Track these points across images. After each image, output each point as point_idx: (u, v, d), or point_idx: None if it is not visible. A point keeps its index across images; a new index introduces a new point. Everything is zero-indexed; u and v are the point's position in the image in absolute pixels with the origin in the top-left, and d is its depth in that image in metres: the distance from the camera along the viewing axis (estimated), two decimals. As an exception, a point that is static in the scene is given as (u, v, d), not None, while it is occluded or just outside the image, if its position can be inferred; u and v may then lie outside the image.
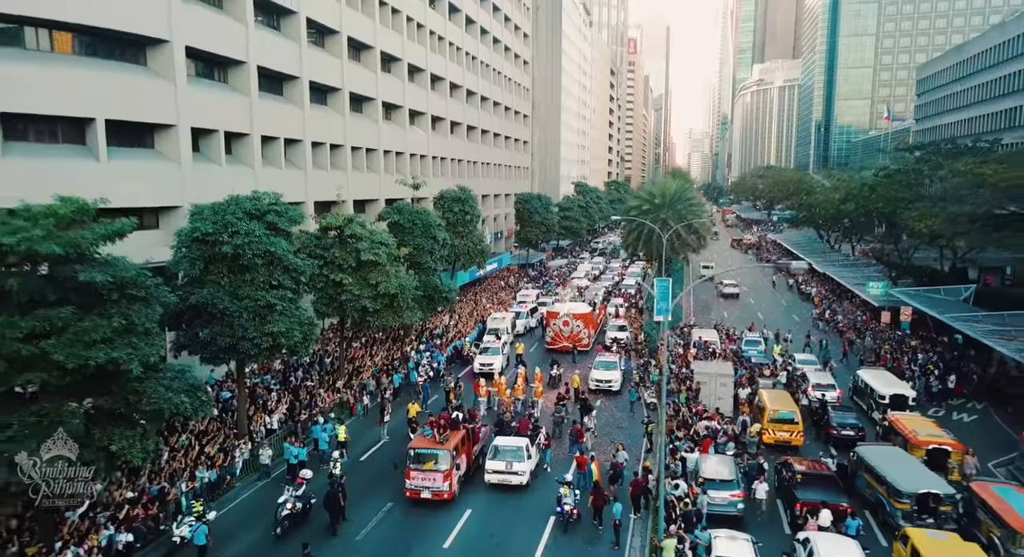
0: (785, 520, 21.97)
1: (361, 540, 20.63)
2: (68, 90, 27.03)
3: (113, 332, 16.24)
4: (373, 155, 49.88)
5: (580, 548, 20.13)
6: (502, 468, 22.82)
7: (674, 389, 31.83)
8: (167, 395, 17.57)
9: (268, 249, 23.55)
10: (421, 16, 57.00)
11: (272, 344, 23.92)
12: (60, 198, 17.78)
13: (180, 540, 19.73)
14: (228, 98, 34.50)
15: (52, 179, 26.87)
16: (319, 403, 30.28)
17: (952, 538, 17.75)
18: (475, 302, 55.00)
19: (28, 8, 25.82)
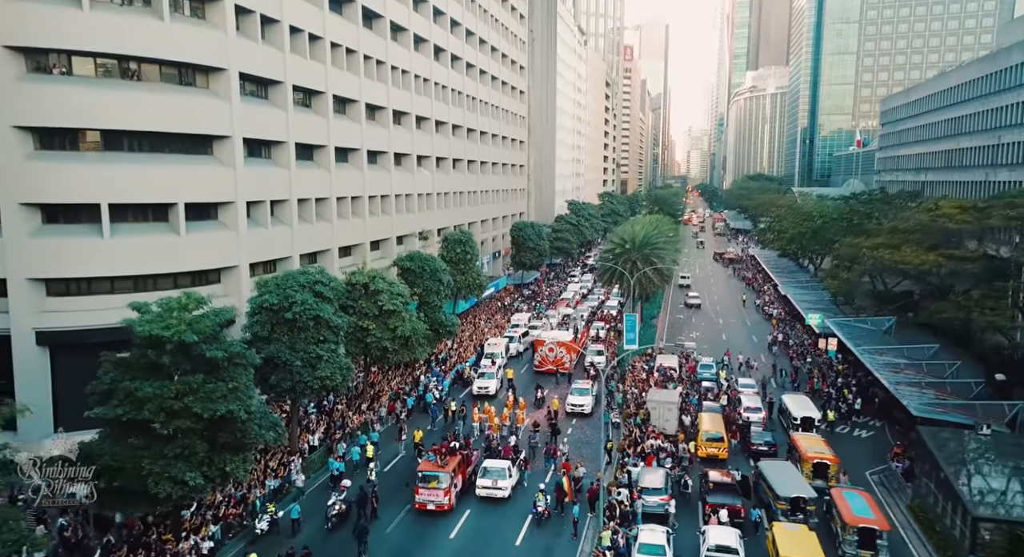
0: (701, 517, 29.86)
1: (389, 533, 28.47)
2: (159, 183, 34.91)
3: (228, 391, 24.09)
4: (387, 200, 57.61)
5: (549, 538, 28.01)
6: (489, 485, 30.43)
7: (632, 412, 39.74)
8: (260, 432, 25.46)
9: (317, 314, 31.44)
10: (427, 72, 64.49)
11: (320, 386, 31.85)
12: (186, 294, 25.53)
13: (260, 531, 27.64)
14: (273, 172, 42.27)
15: (150, 249, 34.94)
16: (348, 424, 38.20)
17: (801, 529, 25.61)
18: (474, 325, 62.90)
19: (132, 123, 33.68)
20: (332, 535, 28.22)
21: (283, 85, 42.44)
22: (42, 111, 32.14)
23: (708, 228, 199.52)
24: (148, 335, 23.13)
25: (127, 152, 34.71)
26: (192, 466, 23.50)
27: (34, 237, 32.78)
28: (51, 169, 32.65)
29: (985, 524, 24.46)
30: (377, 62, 54.94)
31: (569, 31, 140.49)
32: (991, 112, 61.01)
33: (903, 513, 30.17)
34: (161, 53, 34.77)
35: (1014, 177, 56.38)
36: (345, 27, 49.78)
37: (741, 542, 25.50)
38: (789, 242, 73.22)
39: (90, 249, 33.62)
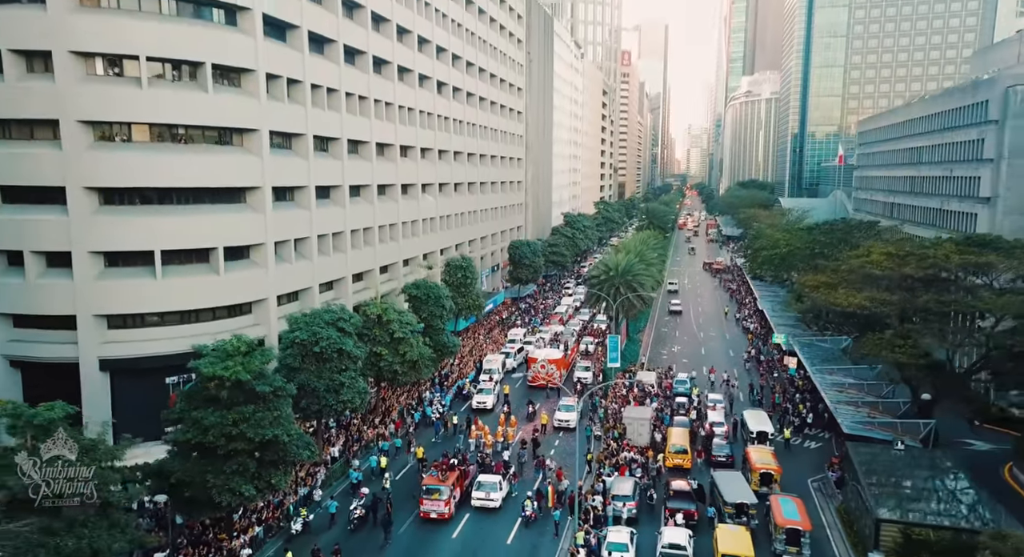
0: (662, 519, 35.60)
1: (400, 534, 34.20)
2: (202, 231, 40.65)
3: (273, 419, 29.84)
4: (394, 228, 63.24)
5: (535, 538, 33.75)
6: (483, 496, 35.90)
7: (611, 426, 45.52)
8: (298, 451, 31.22)
9: (340, 347, 37.20)
10: (430, 106, 69.96)
11: (343, 408, 37.62)
12: (236, 337, 31.23)
13: (295, 531, 33.41)
14: (296, 214, 47.93)
15: (194, 287, 40.65)
16: (363, 437, 43.98)
17: (739, 530, 31.33)
18: (474, 340, 68.67)
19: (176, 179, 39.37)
20: (354, 534, 33.95)
21: (305, 136, 48.09)
22: (106, 174, 37.89)
23: (702, 232, 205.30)
24: (211, 374, 28.82)
25: (176, 205, 40.44)
26: (246, 480, 29.28)
27: (99, 280, 38.52)
28: (113, 222, 38.41)
29: (885, 525, 30.21)
30: (386, 104, 60.57)
31: (566, 47, 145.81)
32: (945, 146, 66.67)
33: (832, 515, 35.92)
34: (206, 120, 40.53)
35: (963, 208, 62.18)
36: (358, 77, 55.36)
37: (691, 541, 31.23)
38: (760, 266, 78.92)
39: (145, 289, 39.35)
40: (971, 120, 61.28)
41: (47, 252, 38.33)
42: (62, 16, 35.97)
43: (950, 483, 32.87)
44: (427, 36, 68.08)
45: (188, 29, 39.23)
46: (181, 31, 38.93)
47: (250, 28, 42.17)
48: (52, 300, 38.42)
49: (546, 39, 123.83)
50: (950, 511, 30.39)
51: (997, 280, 38.38)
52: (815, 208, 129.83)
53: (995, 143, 56.79)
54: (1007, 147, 55.72)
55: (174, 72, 39.63)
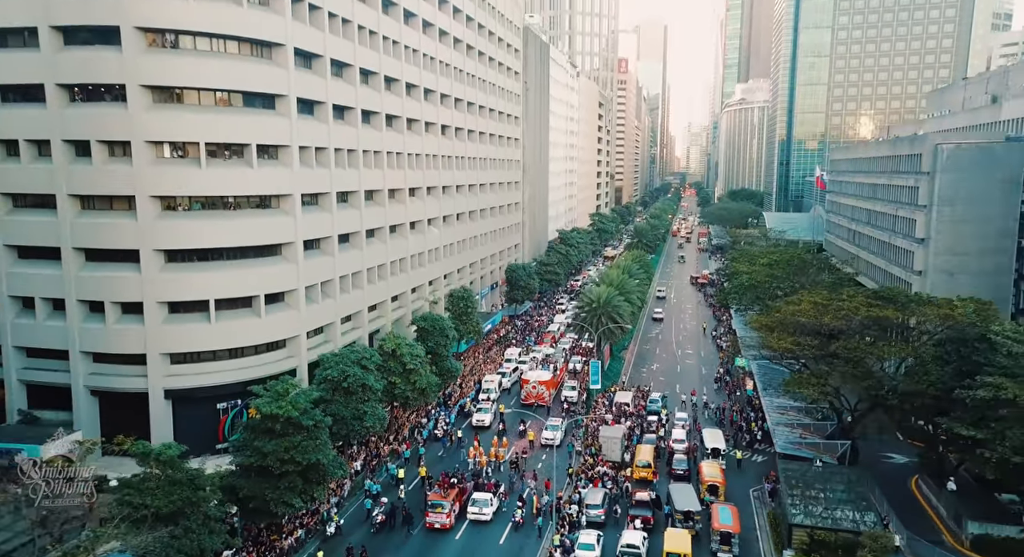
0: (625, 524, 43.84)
1: (415, 536, 42.45)
2: (246, 282, 48.84)
3: (315, 446, 38.10)
4: (404, 261, 71.34)
5: (522, 540, 41.96)
6: (476, 511, 43.57)
7: (589, 443, 53.81)
8: (334, 471, 39.53)
9: (364, 382, 45.49)
10: (435, 148, 77.96)
11: (365, 432, 45.94)
12: (284, 380, 39.48)
13: (330, 533, 41.69)
14: (322, 260, 56.04)
15: (240, 329, 48.81)
16: (380, 452, 52.27)
17: (682, 532, 39.50)
18: (474, 359, 76.96)
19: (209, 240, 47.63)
20: (375, 537, 42.20)
21: (329, 194, 56.24)
22: (171, 237, 46.07)
23: (695, 239, 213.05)
24: (269, 412, 37.09)
25: (226, 261, 48.61)
26: (295, 494, 37.62)
27: (164, 324, 46.74)
28: (176, 277, 46.62)
29: (796, 528, 38.48)
30: (396, 154, 68.63)
31: (561, 69, 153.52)
32: (893, 188, 74.74)
33: (764, 521, 44.17)
34: (250, 190, 48.71)
35: (904, 245, 70.33)
36: (372, 135, 63.30)
37: (644, 542, 39.43)
38: (726, 296, 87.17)
39: (201, 331, 47.58)
40: (910, 169, 69.34)
41: (123, 302, 46.51)
42: (139, 113, 44.06)
43: (852, 494, 41.03)
44: (433, 87, 76.10)
45: (238, 118, 47.40)
46: (232, 120, 47.10)
47: (286, 110, 50.32)
48: (126, 341, 46.64)
49: (542, 66, 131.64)
50: (846, 517, 38.57)
51: (899, 329, 46.58)
52: (796, 224, 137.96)
53: (927, 192, 64.83)
54: (936, 196, 63.74)
55: (225, 151, 47.76)
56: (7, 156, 46.23)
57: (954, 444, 41.11)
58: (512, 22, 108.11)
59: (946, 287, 64.03)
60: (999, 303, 62.91)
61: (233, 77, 47.13)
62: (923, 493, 47.15)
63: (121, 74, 43.60)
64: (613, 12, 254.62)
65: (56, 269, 46.23)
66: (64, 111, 44.46)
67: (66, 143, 44.81)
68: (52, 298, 47.04)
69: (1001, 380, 36.93)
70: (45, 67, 43.84)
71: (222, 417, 48.94)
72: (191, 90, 45.96)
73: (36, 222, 46.07)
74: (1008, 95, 72.36)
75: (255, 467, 37.53)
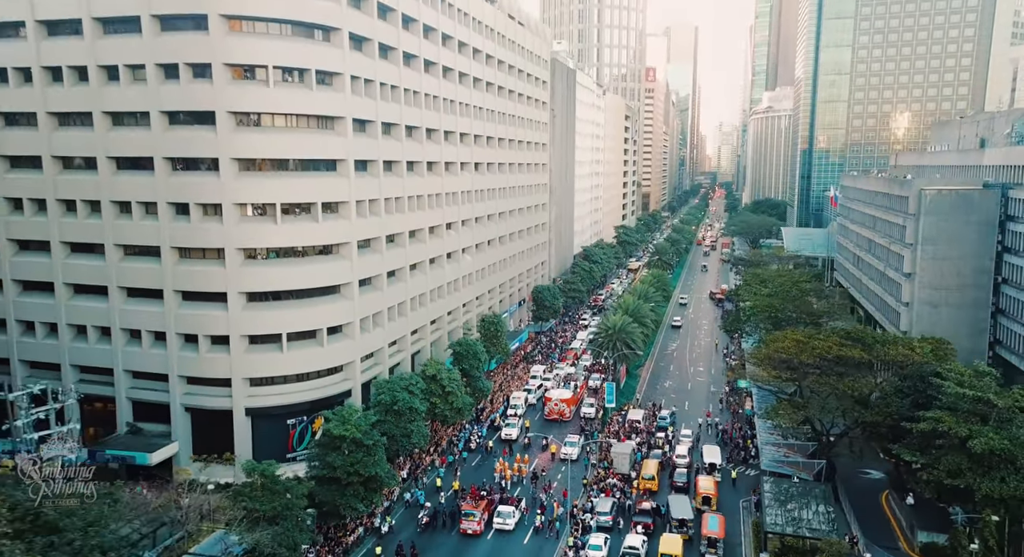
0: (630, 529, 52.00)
1: (452, 537, 51.10)
2: (310, 317, 57.90)
3: (374, 461, 46.98)
4: (442, 288, 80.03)
5: (542, 541, 50.37)
6: (501, 522, 51.68)
7: (603, 457, 62.06)
8: (389, 481, 48.45)
9: (411, 405, 54.33)
10: (470, 185, 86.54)
11: (412, 448, 54.83)
12: (348, 407, 48.42)
13: (384, 531, 50.56)
14: (374, 295, 64.73)
15: (306, 356, 57.87)
16: (422, 463, 61.11)
17: (676, 537, 47.60)
18: (503, 376, 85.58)
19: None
20: (421, 536, 50.94)
21: (380, 238, 65.05)
22: (251, 281, 55.25)
23: (719, 247, 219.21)
24: (338, 434, 46.03)
25: (295, 300, 57.69)
26: (359, 500, 46.59)
27: (246, 353, 55.99)
28: (255, 315, 55.78)
29: (770, 535, 46.39)
30: (436, 195, 77.25)
31: (588, 91, 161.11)
32: (888, 223, 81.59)
33: (748, 528, 52.06)
34: (317, 241, 57.78)
35: (894, 277, 77.28)
36: (415, 181, 72.03)
37: (644, 545, 47.58)
38: (733, 321, 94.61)
39: (275, 359, 56.71)
40: (899, 208, 76.25)
41: (212, 335, 55.84)
42: (229, 180, 53.28)
43: (820, 507, 48.74)
44: (467, 131, 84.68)
45: (306, 181, 56.53)
46: (301, 183, 56.23)
47: (346, 171, 59.25)
48: (215, 367, 55.94)
49: (568, 92, 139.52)
50: (811, 525, 46.37)
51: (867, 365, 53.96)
52: (813, 240, 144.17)
53: (913, 231, 71.80)
54: (920, 236, 70.73)
55: (296, 209, 56.83)
56: (120, 213, 55.84)
57: (906, 466, 48.50)
58: (540, 57, 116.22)
59: (930, 318, 71.41)
60: (977, 334, 70.29)
61: (303, 147, 56.23)
62: (890, 506, 54.61)
63: (215, 149, 52.86)
64: (640, 25, 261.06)
65: (159, 307, 55.73)
66: (168, 178, 53.85)
67: (169, 205, 54.23)
68: (155, 331, 56.53)
69: (941, 414, 44.46)
70: (154, 143, 53.28)
71: (291, 431, 57.99)
72: (270, 159, 55.11)
73: (144, 268, 55.62)
74: (991, 141, 78.79)
75: (326, 478, 46.54)
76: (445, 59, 77.50)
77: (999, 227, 68.62)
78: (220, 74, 52.07)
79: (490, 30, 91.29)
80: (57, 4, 53.56)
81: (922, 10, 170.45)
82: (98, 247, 56.79)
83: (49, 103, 55.23)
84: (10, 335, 59.18)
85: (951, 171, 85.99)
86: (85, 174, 56.01)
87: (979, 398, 43.68)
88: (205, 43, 51.66)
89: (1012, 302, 66.91)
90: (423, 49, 71.65)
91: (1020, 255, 65.22)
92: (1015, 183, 67.24)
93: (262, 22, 53.84)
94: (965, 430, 42.56)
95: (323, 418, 50.42)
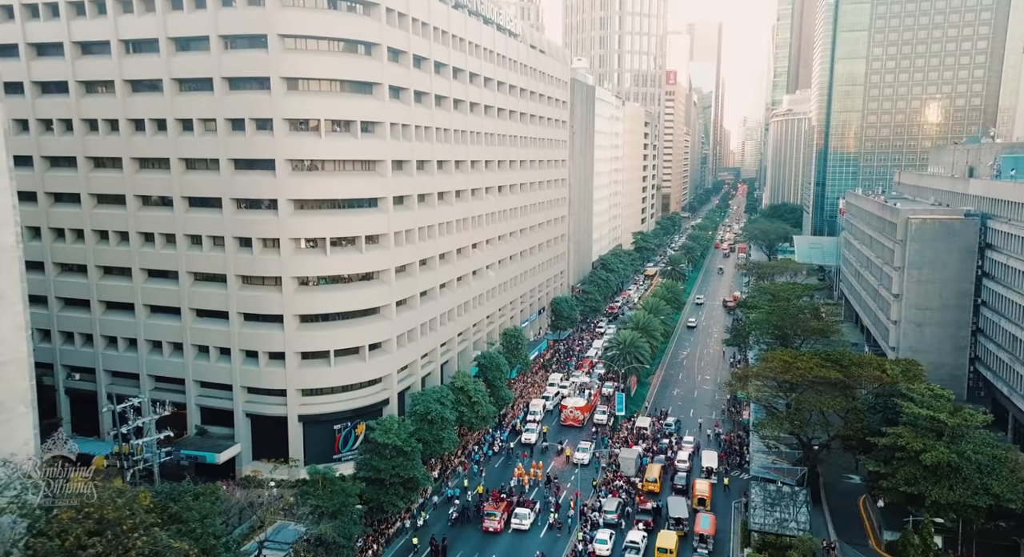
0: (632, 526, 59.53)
1: (477, 532, 59.00)
2: (355, 336, 66.06)
3: (412, 465, 55.01)
4: (468, 304, 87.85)
5: (555, 535, 58.19)
6: (518, 522, 59.28)
7: (611, 460, 69.60)
8: (425, 482, 56.52)
9: (442, 415, 62.31)
10: (496, 206, 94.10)
11: (443, 452, 62.84)
12: (390, 418, 56.48)
13: (419, 525, 58.65)
14: (409, 315, 72.80)
15: (350, 370, 66.09)
16: (451, 465, 69.13)
17: (672, 533, 55.04)
18: (523, 383, 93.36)
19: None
20: (451, 529, 58.89)
21: (414, 263, 72.96)
22: (304, 304, 63.38)
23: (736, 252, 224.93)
24: (383, 441, 54.10)
25: (340, 321, 65.80)
26: (399, 498, 54.70)
27: (299, 368, 64.26)
28: (307, 334, 63.98)
29: (753, 532, 53.70)
30: (462, 220, 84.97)
31: (607, 104, 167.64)
32: (882, 245, 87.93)
33: (737, 527, 59.34)
34: (360, 269, 65.85)
35: (885, 296, 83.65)
36: (446, 209, 79.84)
37: (644, 540, 55.14)
38: (733, 339, 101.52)
39: (324, 373, 64.90)
40: (890, 233, 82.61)
41: (270, 352, 64.15)
42: (286, 218, 61.46)
43: (800, 509, 55.86)
44: (492, 158, 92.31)
45: (351, 218, 64.58)
46: (347, 220, 64.27)
47: (386, 207, 67.17)
48: (272, 379, 64.25)
49: (587, 109, 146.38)
50: (788, 525, 53.57)
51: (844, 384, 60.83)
52: (823, 249, 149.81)
53: (901, 255, 78.21)
54: (907, 260, 77.13)
55: (342, 241, 64.84)
56: (191, 245, 64.27)
57: (873, 474, 55.45)
58: (560, 79, 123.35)
59: (915, 336, 77.98)
60: (959, 351, 76.78)
61: (350, 188, 64.27)
62: (865, 508, 61.64)
63: (274, 191, 61.00)
64: (661, 30, 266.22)
65: (225, 326, 64.13)
66: (234, 216, 62.11)
67: (235, 238, 62.51)
68: (221, 347, 64.95)
69: (901, 430, 51.46)
70: (222, 185, 61.59)
71: (336, 435, 66.18)
72: (320, 201, 63.19)
73: (212, 293, 64.03)
74: (978, 170, 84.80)
75: (372, 479, 54.67)
76: (472, 95, 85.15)
77: (979, 253, 74.80)
78: (280, 127, 60.17)
79: (513, 62, 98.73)
80: (141, 66, 62.09)
81: (935, 22, 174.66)
82: (172, 273, 65.30)
83: (133, 149, 63.78)
84: (96, 348, 68.03)
85: (944, 195, 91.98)
86: (162, 211, 64.53)
87: (933, 418, 50.56)
88: (267, 101, 59.79)
89: (989, 323, 73.16)
90: (452, 89, 79.43)
91: (998, 281, 71.40)
92: (994, 214, 73.38)
93: (315, 81, 61.87)
94: (920, 444, 49.54)
95: (364, 424, 58.49)
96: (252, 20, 59.10)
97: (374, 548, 54.13)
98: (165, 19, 60.41)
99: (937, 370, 76.48)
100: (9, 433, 35.69)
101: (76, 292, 68.38)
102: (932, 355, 76.70)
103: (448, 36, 77.99)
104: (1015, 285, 66.53)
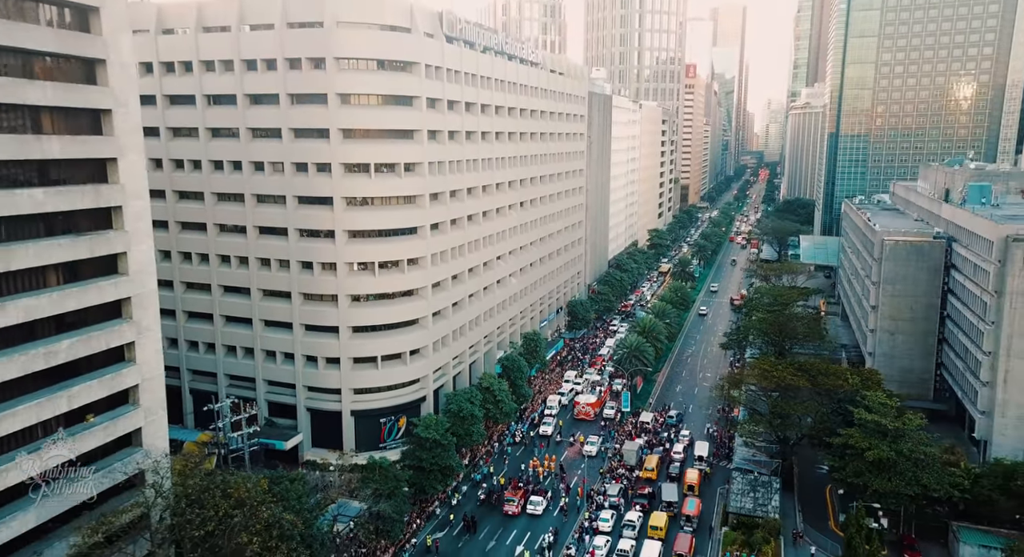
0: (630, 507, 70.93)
1: (493, 519, 70.73)
2: (397, 343, 77.88)
3: (448, 456, 66.83)
4: (492, 310, 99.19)
5: (562, 517, 69.87)
6: (532, 508, 70.40)
7: (616, 451, 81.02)
8: (458, 468, 68.40)
9: (472, 412, 74.04)
10: (518, 219, 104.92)
11: (472, 443, 74.65)
12: (429, 416, 68.31)
13: (454, 504, 70.55)
14: (444, 324, 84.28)
15: (395, 373, 78.08)
16: (478, 453, 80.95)
17: (663, 514, 66.29)
18: (542, 380, 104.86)
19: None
20: (480, 508, 70.62)
21: (447, 278, 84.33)
22: (355, 318, 75.17)
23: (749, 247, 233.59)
24: (425, 437, 65.93)
25: (384, 331, 77.42)
26: (438, 482, 66.83)
27: (351, 370, 76.16)
28: (358, 343, 75.79)
29: (730, 514, 64.89)
30: (488, 236, 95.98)
31: (623, 111, 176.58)
32: (864, 259, 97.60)
33: (719, 509, 70.49)
34: (403, 287, 77.45)
35: (866, 306, 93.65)
36: (475, 229, 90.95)
37: (639, 519, 66.53)
38: (730, 343, 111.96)
39: (371, 374, 76.78)
40: (870, 250, 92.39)
41: (328, 357, 76.09)
42: (342, 246, 73.07)
43: (771, 495, 66.85)
44: (514, 178, 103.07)
45: (393, 245, 76.14)
46: (390, 246, 75.75)
47: (424, 233, 78.54)
48: (329, 380, 76.27)
49: (604, 118, 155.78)
50: (759, 508, 64.64)
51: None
52: (827, 249, 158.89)
53: (877, 271, 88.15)
54: (882, 276, 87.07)
55: (388, 264, 76.37)
56: (261, 266, 76.19)
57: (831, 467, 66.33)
58: (578, 96, 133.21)
59: (889, 343, 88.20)
60: (926, 357, 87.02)
61: (394, 219, 75.67)
62: (830, 495, 72.55)
63: (332, 223, 72.59)
64: (680, 28, 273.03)
65: (289, 335, 76.16)
66: (298, 242, 73.88)
67: (298, 262, 74.31)
68: (286, 352, 77.06)
69: (852, 431, 62.25)
70: (287, 217, 73.32)
71: (382, 427, 78.17)
72: (369, 231, 74.73)
73: (278, 307, 76.00)
74: (952, 194, 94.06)
75: (415, 467, 66.57)
76: (498, 126, 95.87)
77: (945, 272, 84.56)
78: (337, 170, 71.59)
79: (534, 89, 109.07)
80: (219, 116, 73.82)
81: (943, 30, 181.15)
82: (245, 290, 77.34)
83: (213, 185, 75.67)
84: (180, 351, 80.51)
85: (925, 213, 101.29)
86: (237, 237, 76.41)
87: (877, 422, 61.25)
88: (327, 148, 71.18)
89: (952, 335, 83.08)
90: (480, 124, 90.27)
91: (959, 298, 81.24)
92: (957, 239, 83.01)
93: (365, 131, 73.14)
94: (865, 444, 60.34)
95: (406, 418, 70.37)
96: (315, 80, 70.41)
97: (418, 522, 66.24)
98: (242, 78, 71.93)
99: (907, 374, 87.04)
100: (155, 431, 47.78)
101: (164, 303, 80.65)
102: (904, 360, 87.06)
103: (477, 77, 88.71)
104: (969, 303, 76.41)
